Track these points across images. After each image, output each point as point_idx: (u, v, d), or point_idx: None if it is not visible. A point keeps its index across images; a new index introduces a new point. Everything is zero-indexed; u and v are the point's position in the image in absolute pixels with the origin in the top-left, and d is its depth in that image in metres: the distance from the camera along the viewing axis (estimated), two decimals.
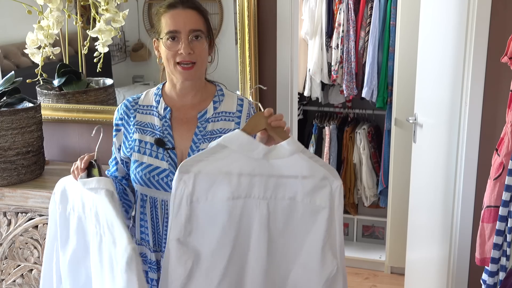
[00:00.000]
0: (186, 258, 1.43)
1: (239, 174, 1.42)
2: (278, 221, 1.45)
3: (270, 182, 1.44)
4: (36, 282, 2.28)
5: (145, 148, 1.63)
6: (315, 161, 1.44)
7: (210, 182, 1.42)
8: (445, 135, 2.47)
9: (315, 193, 1.44)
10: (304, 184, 1.43)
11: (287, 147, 1.43)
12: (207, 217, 1.43)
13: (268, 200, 1.44)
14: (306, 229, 1.45)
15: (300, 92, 3.62)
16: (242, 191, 1.43)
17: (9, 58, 2.65)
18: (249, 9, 2.23)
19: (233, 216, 1.43)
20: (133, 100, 1.70)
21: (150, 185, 1.61)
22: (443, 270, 2.50)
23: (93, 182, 1.46)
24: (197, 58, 1.56)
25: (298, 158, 1.43)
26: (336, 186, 1.43)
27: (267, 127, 1.46)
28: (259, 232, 1.44)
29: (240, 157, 1.42)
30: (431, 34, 2.71)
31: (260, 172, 1.43)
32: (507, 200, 1.82)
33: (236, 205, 1.43)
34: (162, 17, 1.58)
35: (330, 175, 1.44)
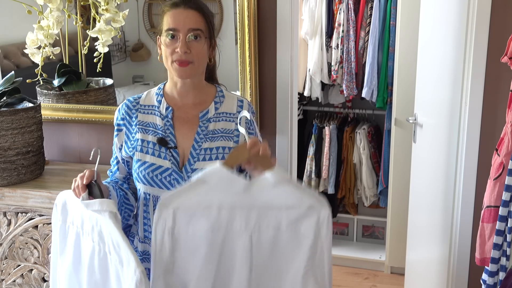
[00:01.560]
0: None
1: (219, 208, 1.43)
2: (263, 251, 1.46)
3: (252, 214, 1.44)
4: (36, 282, 2.28)
5: (148, 147, 1.63)
6: (302, 191, 1.44)
7: (189, 216, 1.43)
8: (445, 135, 2.47)
9: (300, 222, 1.43)
10: (288, 214, 1.43)
11: (270, 179, 1.42)
12: (189, 248, 1.44)
13: (251, 232, 1.44)
14: (291, 256, 1.45)
15: (300, 92, 3.62)
16: (222, 223, 1.44)
17: (9, 58, 2.65)
18: (249, 9, 2.23)
19: (214, 249, 1.44)
20: (134, 100, 1.71)
21: (153, 184, 1.61)
22: (443, 270, 2.50)
23: (96, 204, 1.47)
24: (193, 57, 1.57)
25: (283, 190, 1.42)
26: (324, 216, 1.43)
27: (250, 158, 1.45)
28: (241, 263, 1.45)
29: (220, 191, 1.43)
30: (431, 34, 2.71)
31: (241, 205, 1.43)
32: (507, 200, 1.82)
33: (216, 238, 1.44)
34: (164, 15, 1.60)
35: (318, 204, 1.43)
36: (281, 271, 1.46)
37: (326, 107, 3.85)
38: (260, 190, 1.43)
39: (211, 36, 1.62)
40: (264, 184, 1.43)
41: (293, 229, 1.44)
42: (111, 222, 1.43)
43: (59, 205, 1.60)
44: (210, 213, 1.43)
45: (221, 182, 1.43)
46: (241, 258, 1.45)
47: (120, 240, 1.40)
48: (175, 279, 1.45)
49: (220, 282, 1.46)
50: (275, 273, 1.47)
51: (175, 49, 1.55)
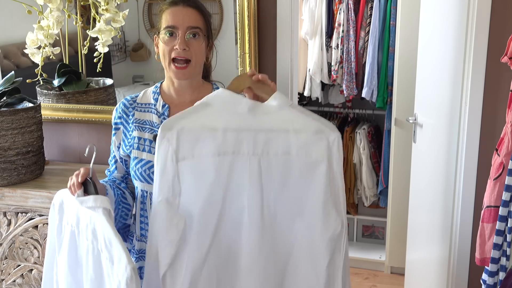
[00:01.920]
0: (178, 220, 1.35)
1: (225, 130, 1.35)
2: (274, 178, 1.37)
3: (259, 137, 1.36)
4: (36, 282, 2.28)
5: (144, 145, 1.64)
6: (307, 115, 1.38)
7: (194, 138, 1.35)
8: (445, 135, 2.47)
9: (310, 147, 1.36)
10: (297, 137, 1.35)
11: (273, 102, 1.37)
12: (195, 175, 1.36)
13: (260, 156, 1.36)
14: (306, 185, 1.37)
15: (300, 92, 3.62)
16: (228, 147, 1.35)
17: (9, 58, 2.65)
18: (249, 9, 2.23)
19: (221, 173, 1.35)
20: (131, 99, 1.72)
21: (150, 181, 1.62)
22: (443, 270, 2.50)
23: (90, 200, 1.46)
24: (192, 55, 1.58)
25: (288, 113, 1.36)
26: (333, 139, 1.36)
27: (251, 85, 1.40)
28: (251, 189, 1.36)
29: (225, 113, 1.36)
30: (431, 34, 2.71)
31: (248, 127, 1.36)
32: (507, 200, 1.82)
33: (223, 162, 1.35)
34: (163, 14, 1.61)
35: (326, 127, 1.36)
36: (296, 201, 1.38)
37: (326, 107, 3.85)
38: (265, 113, 1.37)
39: (209, 35, 1.64)
40: (268, 107, 1.37)
41: (304, 154, 1.36)
42: (104, 219, 1.41)
43: (56, 205, 1.60)
44: (215, 136, 1.35)
45: (224, 104, 1.37)
46: (251, 186, 1.36)
47: (112, 237, 1.38)
48: (179, 207, 1.36)
49: (229, 212, 1.38)
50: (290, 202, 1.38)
51: (174, 47, 1.56)
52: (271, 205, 1.38)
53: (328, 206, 1.37)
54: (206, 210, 1.36)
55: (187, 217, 1.36)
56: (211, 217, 1.37)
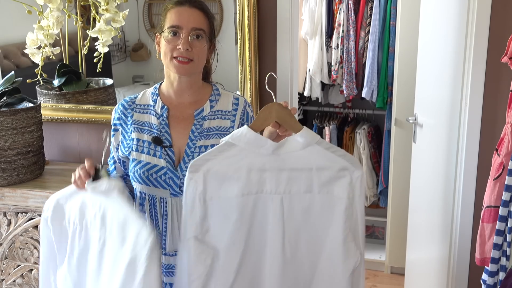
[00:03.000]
0: (206, 256, 1.41)
1: (249, 170, 1.40)
2: (295, 215, 1.42)
3: (282, 176, 1.40)
4: (36, 282, 2.28)
5: (143, 146, 1.64)
6: (332, 152, 1.41)
7: (220, 180, 1.40)
8: (445, 135, 2.47)
9: (333, 184, 1.40)
10: (319, 175, 1.40)
11: (299, 139, 1.40)
12: (221, 214, 1.42)
13: (282, 195, 1.41)
14: (327, 221, 1.42)
15: (300, 92, 3.62)
16: (253, 187, 1.40)
17: (9, 58, 2.65)
18: (249, 9, 2.23)
19: (245, 212, 1.41)
20: (130, 100, 1.71)
21: (149, 183, 1.61)
22: (443, 270, 2.50)
23: (103, 184, 1.46)
24: (194, 56, 1.57)
25: (313, 151, 1.40)
26: (357, 176, 1.40)
27: (278, 119, 1.42)
28: (273, 227, 1.41)
29: (249, 153, 1.40)
30: (431, 34, 2.71)
31: (271, 167, 1.40)
32: (507, 200, 1.82)
33: (247, 201, 1.41)
34: (168, 13, 1.60)
35: (351, 165, 1.40)
36: (317, 236, 1.43)
37: (326, 107, 3.85)
38: (289, 151, 1.40)
39: (212, 38, 1.64)
40: (293, 144, 1.40)
41: (326, 191, 1.40)
42: (119, 199, 1.43)
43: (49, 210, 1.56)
44: (240, 176, 1.40)
45: (249, 144, 1.40)
46: (273, 223, 1.41)
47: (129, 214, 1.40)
48: (205, 245, 1.42)
49: (252, 248, 1.44)
50: (311, 238, 1.43)
51: (177, 46, 1.56)
52: (293, 240, 1.44)
53: (348, 242, 1.42)
54: (230, 247, 1.43)
55: (214, 253, 1.43)
56: (235, 253, 1.43)
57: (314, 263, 1.46)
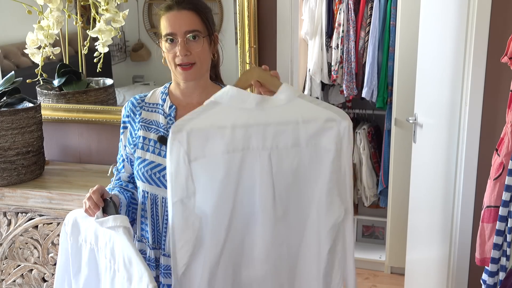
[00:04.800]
0: (193, 219, 1.38)
1: (233, 127, 1.36)
2: (284, 170, 1.39)
3: (268, 131, 1.37)
4: (36, 282, 2.28)
5: (149, 145, 1.64)
6: (316, 104, 1.39)
7: (204, 138, 1.37)
8: (445, 135, 2.47)
9: (320, 136, 1.38)
10: (306, 128, 1.37)
11: (281, 95, 1.38)
12: (207, 174, 1.38)
13: (270, 150, 1.37)
14: (316, 174, 1.39)
15: None
16: (238, 143, 1.37)
17: (9, 58, 2.65)
18: (249, 9, 2.23)
19: (231, 170, 1.37)
20: (139, 98, 1.72)
21: (152, 182, 1.61)
22: (443, 270, 2.50)
23: (109, 221, 1.46)
24: (195, 58, 1.57)
25: (297, 103, 1.37)
26: (345, 127, 1.38)
27: (259, 78, 1.41)
28: (263, 184, 1.38)
29: (233, 110, 1.37)
30: (431, 34, 2.71)
31: (256, 122, 1.37)
32: (507, 200, 1.82)
33: (233, 158, 1.37)
34: (161, 19, 1.59)
35: (337, 116, 1.38)
36: (306, 191, 1.41)
37: None
38: (273, 106, 1.38)
39: (210, 32, 1.61)
40: (276, 100, 1.38)
41: (313, 144, 1.38)
42: (125, 238, 1.43)
43: (68, 225, 1.60)
44: (224, 133, 1.37)
45: (232, 101, 1.38)
46: (262, 180, 1.38)
47: (133, 256, 1.39)
48: (193, 206, 1.38)
49: (241, 207, 1.40)
50: (300, 193, 1.41)
51: (176, 53, 1.56)
52: (283, 196, 1.41)
53: (332, 194, 1.39)
54: (219, 207, 1.39)
55: (203, 215, 1.39)
56: (224, 213, 1.39)
57: (304, 219, 1.43)
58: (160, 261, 1.65)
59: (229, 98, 1.38)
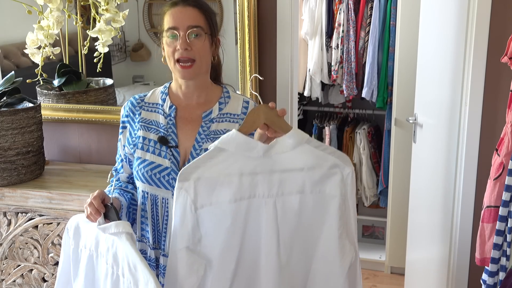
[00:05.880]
0: (198, 266, 1.38)
1: (240, 175, 1.37)
2: (289, 217, 1.40)
3: (274, 179, 1.38)
4: (36, 282, 2.28)
5: (149, 145, 1.63)
6: (322, 150, 1.39)
7: (211, 186, 1.37)
8: (445, 135, 2.47)
9: (324, 182, 1.39)
10: (311, 175, 1.38)
11: (289, 140, 1.38)
12: (213, 221, 1.38)
13: (275, 198, 1.39)
14: (321, 220, 1.41)
15: (300, 92, 3.62)
16: (245, 191, 1.38)
17: (9, 58, 2.65)
18: (249, 9, 2.23)
19: (238, 218, 1.38)
20: (139, 98, 1.71)
21: (152, 182, 1.61)
22: (443, 270, 2.50)
23: (111, 227, 1.47)
24: (195, 55, 1.56)
25: (303, 150, 1.38)
26: (348, 173, 1.39)
27: (267, 121, 1.40)
28: (268, 231, 1.39)
29: (240, 158, 1.38)
30: (431, 34, 2.71)
31: (262, 170, 1.38)
32: (507, 200, 1.82)
33: (240, 207, 1.38)
34: (164, 16, 1.59)
35: (340, 162, 1.39)
36: (311, 237, 1.41)
37: (326, 107, 3.85)
38: (279, 152, 1.38)
39: (212, 33, 1.61)
40: (283, 146, 1.38)
41: (318, 191, 1.39)
42: (128, 244, 1.43)
43: (71, 230, 1.60)
44: (231, 181, 1.37)
45: (239, 148, 1.37)
46: (267, 227, 1.38)
47: (138, 262, 1.39)
48: (197, 255, 1.38)
49: (246, 255, 1.41)
50: (304, 240, 1.42)
51: (176, 48, 1.55)
52: (287, 243, 1.41)
53: (343, 239, 1.41)
54: (224, 255, 1.39)
55: (207, 263, 1.39)
56: (229, 261, 1.40)
57: (308, 265, 1.44)
58: (159, 261, 1.65)
59: (236, 146, 1.38)
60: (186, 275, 1.38)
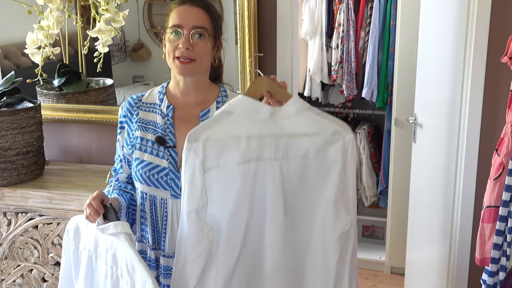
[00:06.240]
0: (208, 230, 1.38)
1: (248, 137, 1.39)
2: (293, 180, 1.42)
3: (280, 143, 1.41)
4: (36, 282, 2.28)
5: (146, 146, 1.63)
6: (323, 117, 1.43)
7: (219, 148, 1.38)
8: (445, 135, 2.47)
9: (327, 148, 1.42)
10: (315, 140, 1.42)
11: (291, 107, 1.42)
12: (222, 184, 1.39)
13: (280, 161, 1.41)
14: (322, 185, 1.43)
15: (300, 92, 3.62)
16: (252, 154, 1.39)
17: (9, 58, 2.65)
18: (249, 9, 2.23)
19: (247, 180, 1.39)
20: (136, 98, 1.71)
21: (150, 183, 1.61)
22: (443, 270, 2.50)
23: (110, 227, 1.47)
24: (196, 55, 1.56)
25: (306, 116, 1.42)
26: (349, 140, 1.43)
27: (269, 89, 1.44)
28: (274, 194, 1.40)
29: (247, 120, 1.40)
30: (431, 34, 2.71)
31: (269, 133, 1.40)
32: (507, 200, 1.82)
33: (248, 169, 1.39)
34: (171, 13, 1.59)
35: (342, 129, 1.43)
36: (312, 201, 1.44)
37: (326, 107, 3.85)
38: (284, 117, 1.41)
39: (216, 35, 1.61)
40: (287, 111, 1.42)
41: (321, 156, 1.42)
42: (127, 244, 1.43)
43: (71, 231, 1.60)
44: (239, 144, 1.38)
45: (246, 110, 1.40)
46: (274, 189, 1.40)
47: (136, 262, 1.39)
48: (208, 216, 1.38)
49: (255, 216, 1.41)
50: (306, 203, 1.44)
51: (178, 45, 1.55)
52: (291, 206, 1.43)
53: (339, 205, 1.43)
54: (234, 219, 1.39)
55: (216, 226, 1.39)
56: (239, 226, 1.40)
57: (310, 228, 1.45)
58: (160, 262, 1.65)
59: (243, 108, 1.40)
60: (196, 239, 1.38)
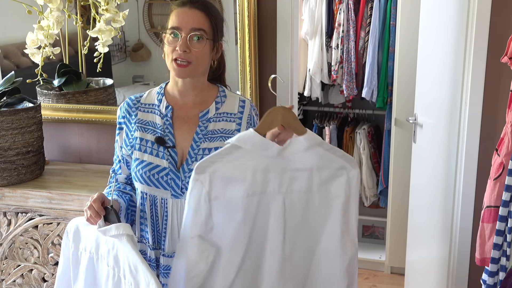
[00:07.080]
0: (208, 253, 1.45)
1: (254, 172, 1.45)
2: (296, 213, 1.48)
3: (285, 176, 1.46)
4: (36, 282, 2.28)
5: (146, 146, 1.63)
6: (332, 153, 1.47)
7: (226, 180, 1.44)
8: (445, 135, 2.47)
9: (331, 182, 1.47)
10: (319, 174, 1.47)
11: (304, 142, 1.44)
12: (226, 213, 1.46)
13: (284, 194, 1.47)
14: (324, 217, 1.49)
15: (300, 92, 3.62)
16: (257, 187, 1.45)
17: (9, 58, 2.65)
18: (249, 9, 2.23)
19: (249, 212, 1.46)
20: (135, 99, 1.71)
21: (150, 183, 1.61)
22: (443, 270, 2.50)
23: (112, 229, 1.47)
24: (192, 58, 1.56)
25: (315, 152, 1.46)
26: (353, 175, 1.47)
27: (283, 123, 1.45)
28: (275, 225, 1.47)
29: (254, 156, 1.44)
30: (431, 34, 2.71)
31: (275, 168, 1.46)
32: (507, 200, 1.82)
33: (251, 202, 1.45)
34: (171, 14, 1.60)
35: (348, 164, 1.48)
36: (314, 233, 1.50)
37: (326, 107, 3.85)
38: (293, 153, 1.45)
39: (215, 38, 1.61)
40: (297, 146, 1.45)
41: (324, 190, 1.48)
42: (129, 246, 1.44)
43: (70, 233, 1.60)
44: (245, 177, 1.45)
45: (255, 147, 1.44)
46: (275, 222, 1.47)
47: (139, 263, 1.40)
48: (208, 242, 1.46)
49: (254, 245, 1.48)
50: (308, 234, 1.50)
51: (176, 47, 1.55)
52: (292, 236, 1.50)
53: (344, 237, 1.50)
54: (233, 244, 1.47)
55: (216, 250, 1.47)
56: (238, 251, 1.47)
57: (310, 258, 1.52)
58: (160, 261, 1.65)
59: (253, 145, 1.44)
60: (195, 261, 1.45)
